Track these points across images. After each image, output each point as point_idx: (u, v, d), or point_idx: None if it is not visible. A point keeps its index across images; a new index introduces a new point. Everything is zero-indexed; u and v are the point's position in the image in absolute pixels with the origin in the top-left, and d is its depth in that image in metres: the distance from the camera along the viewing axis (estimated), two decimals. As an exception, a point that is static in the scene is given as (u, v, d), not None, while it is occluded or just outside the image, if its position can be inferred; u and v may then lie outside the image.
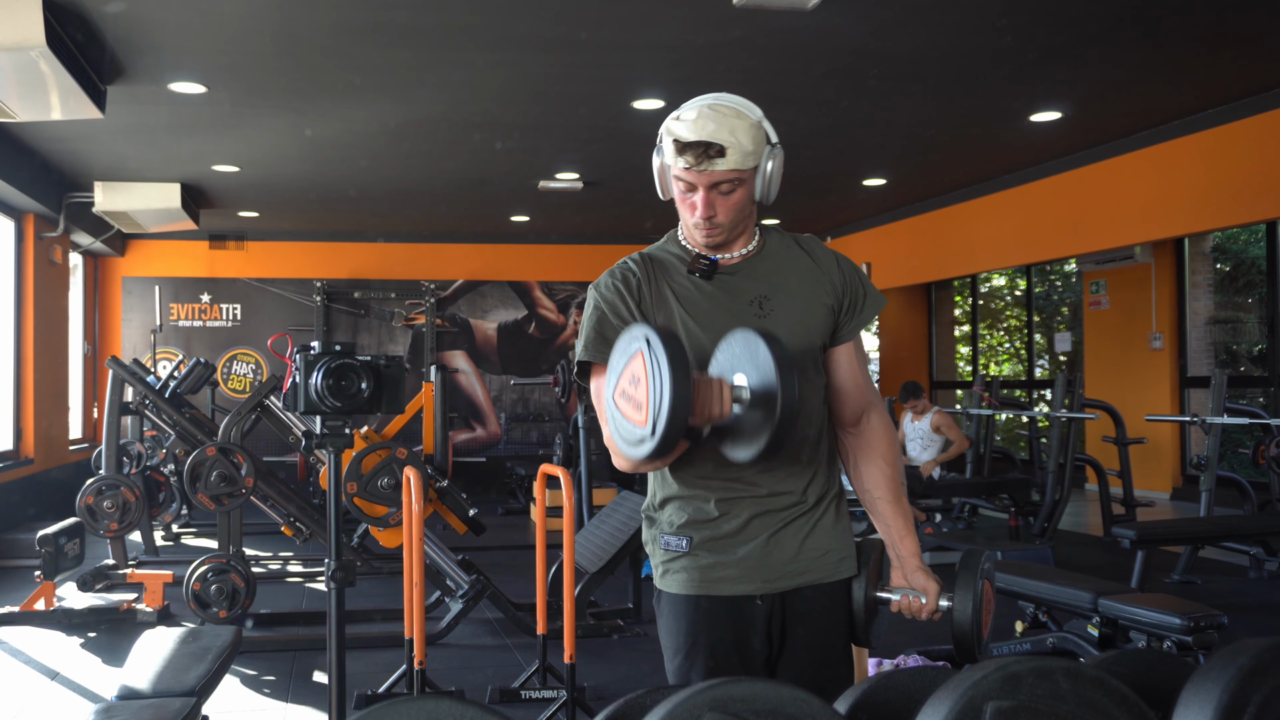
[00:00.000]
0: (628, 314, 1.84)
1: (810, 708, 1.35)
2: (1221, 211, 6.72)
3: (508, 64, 5.39)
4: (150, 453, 7.52)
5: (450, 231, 11.08)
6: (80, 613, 5.41)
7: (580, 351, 1.86)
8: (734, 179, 1.79)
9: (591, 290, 1.91)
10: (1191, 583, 6.00)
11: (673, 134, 1.79)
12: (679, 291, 1.86)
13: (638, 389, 1.64)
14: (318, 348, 2.75)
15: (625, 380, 1.68)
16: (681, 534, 1.87)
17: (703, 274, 1.86)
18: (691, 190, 1.81)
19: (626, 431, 1.68)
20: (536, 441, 11.46)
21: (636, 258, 1.91)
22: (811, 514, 1.88)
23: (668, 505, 1.90)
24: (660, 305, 1.85)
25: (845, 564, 1.91)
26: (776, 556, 1.85)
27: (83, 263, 10.32)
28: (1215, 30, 5.09)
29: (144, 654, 3.13)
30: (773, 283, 1.88)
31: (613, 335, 1.79)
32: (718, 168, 1.77)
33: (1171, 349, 8.59)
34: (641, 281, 1.87)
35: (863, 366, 1.96)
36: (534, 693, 4.10)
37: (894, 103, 6.21)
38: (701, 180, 1.79)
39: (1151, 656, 1.68)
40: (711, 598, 1.85)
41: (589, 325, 1.86)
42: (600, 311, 1.86)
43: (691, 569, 1.86)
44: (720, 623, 1.84)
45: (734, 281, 1.88)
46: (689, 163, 1.77)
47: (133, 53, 5.07)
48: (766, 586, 1.85)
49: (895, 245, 10.28)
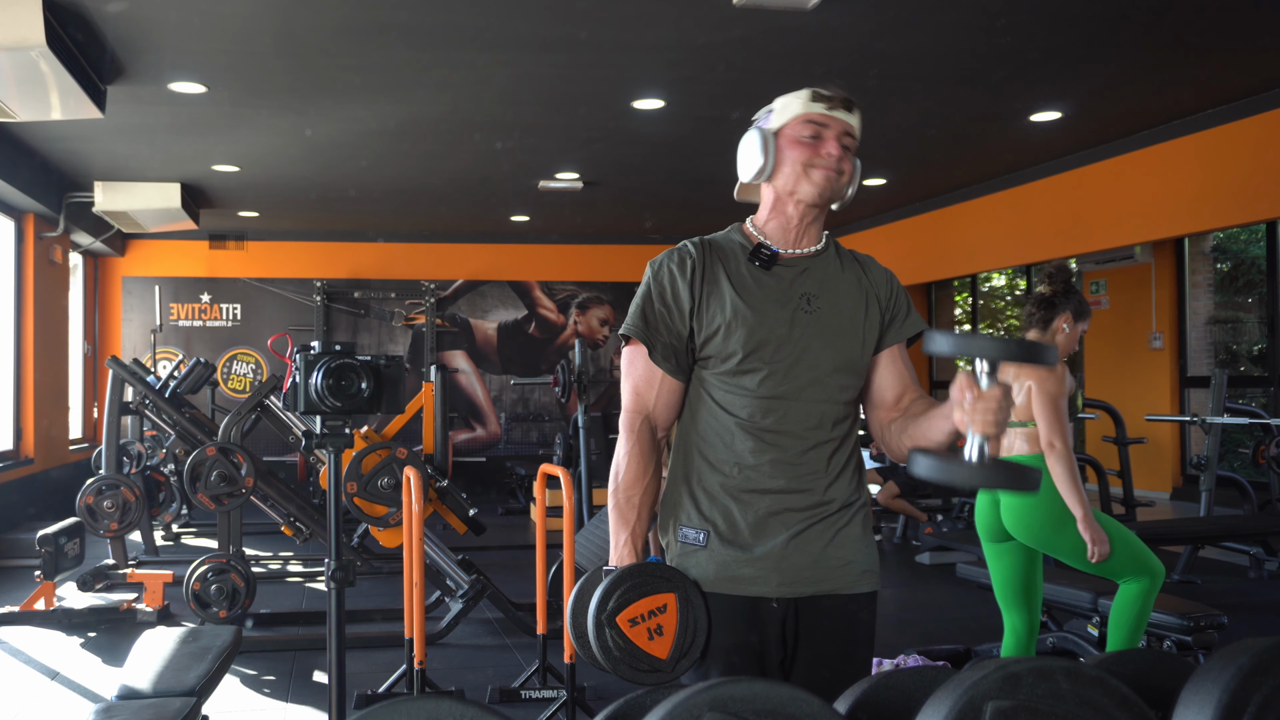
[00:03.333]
0: (672, 299, 1.90)
1: (810, 708, 1.35)
2: (1221, 211, 6.72)
3: (508, 64, 5.39)
4: (150, 453, 7.52)
5: (450, 231, 11.08)
6: (80, 613, 5.41)
7: (625, 325, 1.93)
8: (854, 140, 1.90)
9: (649, 268, 1.95)
10: (1191, 583, 6.01)
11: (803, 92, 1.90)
12: (734, 278, 1.90)
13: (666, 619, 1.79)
14: (318, 348, 2.75)
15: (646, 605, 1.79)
16: (699, 527, 1.87)
17: (763, 264, 1.90)
18: (819, 136, 1.88)
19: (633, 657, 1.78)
20: (536, 441, 11.46)
21: (697, 241, 1.95)
22: (835, 519, 1.87)
23: (685, 495, 1.91)
24: (714, 290, 1.89)
25: (867, 578, 1.90)
26: (796, 559, 1.84)
27: (83, 263, 10.32)
28: (1215, 30, 5.09)
29: (144, 654, 3.13)
30: (824, 284, 1.93)
31: (652, 319, 1.90)
32: (850, 121, 1.89)
33: (1171, 349, 8.59)
34: (697, 265, 1.91)
35: (908, 365, 2.00)
36: (534, 693, 4.11)
37: (894, 103, 6.21)
38: (836, 124, 1.88)
39: (1151, 656, 1.68)
40: (727, 596, 1.84)
41: (637, 303, 1.93)
42: (649, 292, 1.92)
43: (708, 564, 1.86)
44: (736, 623, 1.84)
45: (789, 275, 1.92)
46: (829, 106, 1.88)
47: (133, 53, 5.07)
48: (783, 590, 1.84)
49: (895, 245, 10.28)
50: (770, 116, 1.94)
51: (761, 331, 1.85)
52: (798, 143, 1.89)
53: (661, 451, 1.95)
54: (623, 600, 1.77)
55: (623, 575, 1.80)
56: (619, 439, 1.94)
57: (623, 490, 1.89)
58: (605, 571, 1.84)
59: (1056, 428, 3.42)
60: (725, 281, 1.89)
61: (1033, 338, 3.61)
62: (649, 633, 1.77)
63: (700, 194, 8.76)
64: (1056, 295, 3.62)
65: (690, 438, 1.93)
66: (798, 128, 1.89)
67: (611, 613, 1.77)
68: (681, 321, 1.89)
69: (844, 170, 1.89)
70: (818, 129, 1.87)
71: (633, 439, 1.90)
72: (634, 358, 1.93)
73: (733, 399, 1.87)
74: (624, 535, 1.88)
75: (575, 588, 1.91)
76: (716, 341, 1.86)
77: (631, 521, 1.88)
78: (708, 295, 1.88)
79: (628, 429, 1.92)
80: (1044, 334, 3.62)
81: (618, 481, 1.89)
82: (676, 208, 9.74)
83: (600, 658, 1.77)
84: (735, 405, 1.87)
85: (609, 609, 1.77)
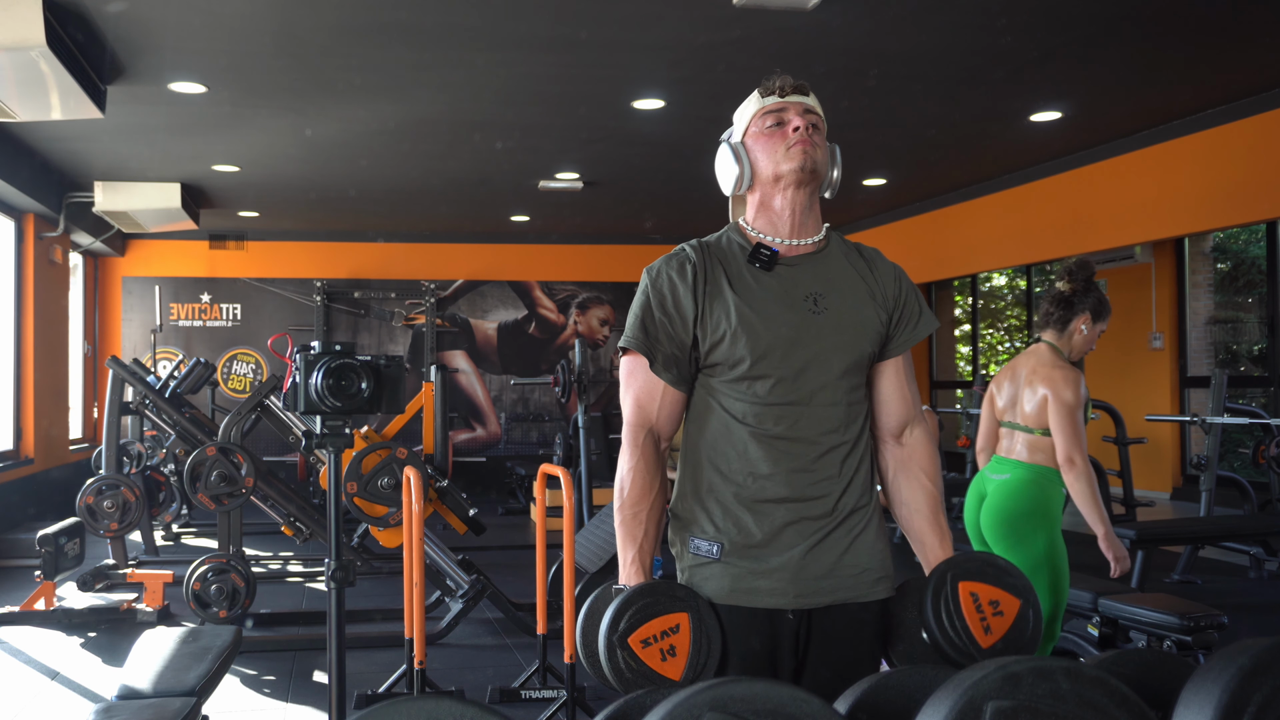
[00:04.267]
0: (673, 307, 1.85)
1: (810, 708, 1.35)
2: (1221, 211, 6.72)
3: (508, 64, 5.39)
4: (150, 453, 7.53)
5: (450, 231, 11.08)
6: (80, 613, 5.41)
7: (623, 338, 1.89)
8: (819, 118, 1.90)
9: (645, 276, 1.90)
10: (1191, 583, 6.00)
11: (752, 94, 1.93)
12: (735, 282, 1.85)
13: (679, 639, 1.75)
14: (318, 348, 2.75)
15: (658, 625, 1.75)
16: (714, 539, 1.83)
17: (763, 264, 1.86)
18: (781, 121, 1.88)
19: (646, 679, 1.74)
20: (536, 441, 11.46)
21: (695, 244, 1.91)
22: (850, 525, 1.84)
23: (697, 507, 1.86)
24: (715, 294, 1.84)
25: (882, 584, 1.86)
26: (811, 570, 1.81)
27: (83, 263, 10.32)
28: (1215, 30, 5.09)
29: (144, 654, 3.13)
30: (830, 282, 1.88)
31: (652, 329, 1.85)
32: (807, 101, 1.90)
33: (1171, 349, 8.58)
34: (699, 270, 1.86)
35: (910, 382, 1.95)
36: (534, 692, 4.11)
37: (894, 103, 6.21)
38: (793, 107, 1.88)
39: (1151, 656, 1.68)
40: (743, 609, 1.80)
41: (636, 313, 1.88)
42: (648, 302, 1.87)
43: (722, 576, 1.81)
44: (750, 635, 1.80)
45: (793, 274, 1.87)
46: (781, 94, 1.88)
47: (133, 53, 5.07)
48: (799, 601, 1.81)
49: (895, 245, 10.28)
50: (733, 130, 1.95)
51: (768, 336, 1.80)
52: (763, 135, 1.89)
53: (666, 463, 1.91)
54: (634, 621, 1.73)
55: (633, 595, 1.74)
56: (622, 453, 1.89)
57: (629, 506, 1.84)
58: (615, 590, 1.80)
59: (1075, 442, 3.20)
60: (727, 286, 1.84)
61: (1049, 338, 3.42)
62: (661, 654, 1.73)
63: (700, 194, 8.76)
64: (1076, 293, 3.40)
65: (699, 448, 1.88)
66: (759, 124, 1.90)
67: (623, 634, 1.72)
68: (684, 330, 1.84)
69: (818, 143, 1.88)
70: (778, 115, 1.88)
71: (637, 453, 1.86)
72: (634, 369, 1.88)
73: (743, 407, 1.82)
74: (631, 552, 1.83)
75: (584, 607, 1.86)
76: (723, 348, 1.81)
77: (639, 538, 1.84)
78: (711, 301, 1.83)
79: (631, 444, 1.87)
80: (1061, 335, 3.41)
81: (623, 497, 1.85)
82: (676, 208, 9.74)
83: (612, 679, 1.73)
84: (745, 413, 1.82)
85: (620, 630, 1.72)
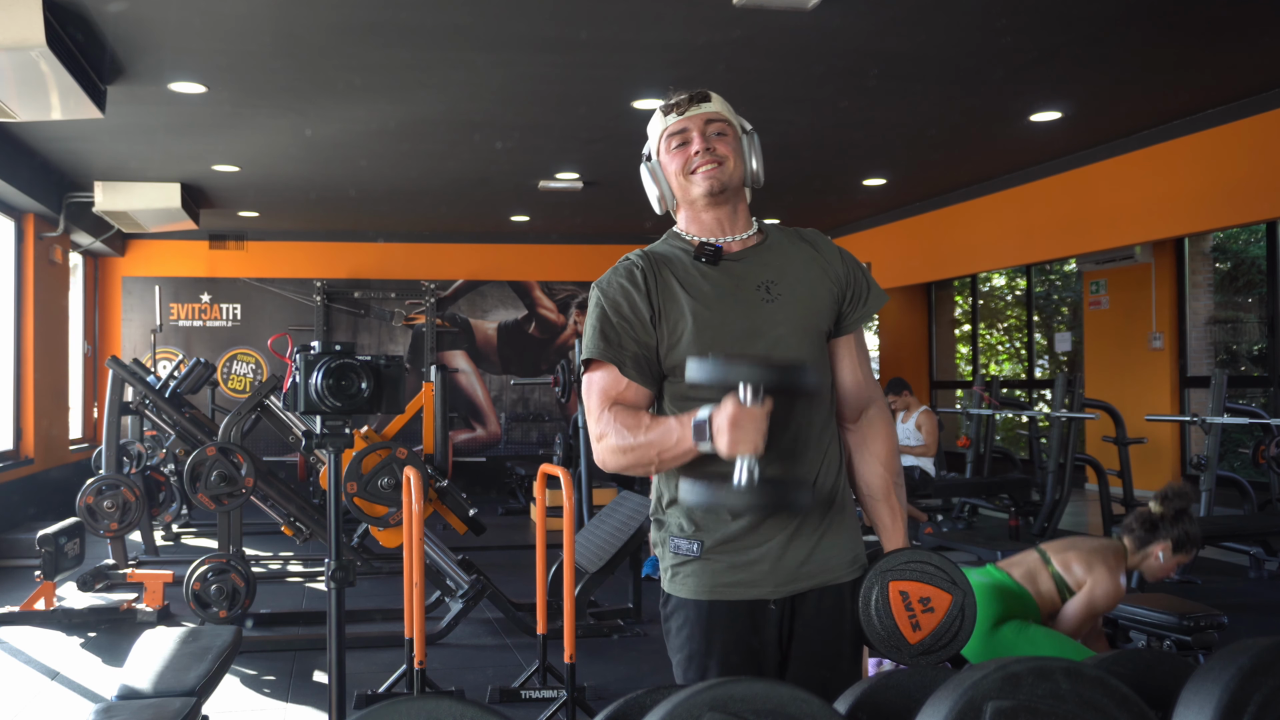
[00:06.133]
0: (630, 312, 1.83)
1: (810, 708, 1.35)
2: (1221, 211, 6.72)
3: (508, 64, 5.39)
4: (150, 453, 7.52)
5: (450, 231, 11.08)
6: (80, 613, 5.41)
7: (584, 350, 1.87)
8: (722, 122, 1.90)
9: (594, 289, 1.90)
10: (1191, 583, 6.00)
11: (655, 114, 1.94)
12: (685, 282, 1.86)
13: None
14: (318, 348, 2.75)
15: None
16: (693, 538, 1.84)
17: (708, 259, 1.87)
18: (685, 141, 1.89)
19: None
20: (536, 441, 11.46)
21: (639, 254, 1.91)
22: (824, 508, 1.85)
23: (675, 506, 1.87)
24: (668, 297, 1.84)
25: (855, 565, 1.89)
26: (790, 559, 1.83)
27: (83, 263, 10.32)
28: (1215, 30, 5.09)
29: (144, 654, 3.13)
30: (778, 269, 1.89)
31: (613, 335, 1.83)
32: (706, 109, 1.90)
33: (1171, 349, 8.59)
34: (648, 274, 1.86)
35: (864, 361, 1.96)
36: (534, 693, 4.10)
37: (894, 103, 6.21)
38: (694, 123, 1.89)
39: (1151, 656, 1.68)
40: (724, 603, 1.82)
41: (593, 325, 1.86)
42: (602, 310, 1.86)
43: (703, 573, 1.83)
44: (733, 628, 1.82)
45: (740, 268, 1.88)
46: (679, 111, 1.89)
47: (133, 53, 5.07)
48: (779, 590, 1.83)
49: (895, 245, 10.28)
50: (648, 152, 1.97)
51: (726, 329, 1.81)
52: (673, 156, 1.91)
53: None
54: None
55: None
56: (590, 432, 1.84)
57: (629, 435, 1.77)
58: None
59: (1078, 630, 3.33)
60: (678, 286, 1.84)
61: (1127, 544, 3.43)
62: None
63: (700, 194, 8.76)
64: (1164, 519, 3.38)
65: None
66: (666, 144, 1.92)
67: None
68: (646, 332, 1.82)
69: (724, 156, 1.87)
70: (681, 136, 1.89)
71: (607, 414, 1.81)
72: (595, 378, 1.84)
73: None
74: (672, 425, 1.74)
75: None
76: (683, 346, 1.81)
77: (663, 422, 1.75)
78: (665, 303, 1.83)
79: (596, 416, 1.82)
80: (1136, 552, 3.41)
81: (620, 440, 1.77)
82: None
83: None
84: None
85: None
